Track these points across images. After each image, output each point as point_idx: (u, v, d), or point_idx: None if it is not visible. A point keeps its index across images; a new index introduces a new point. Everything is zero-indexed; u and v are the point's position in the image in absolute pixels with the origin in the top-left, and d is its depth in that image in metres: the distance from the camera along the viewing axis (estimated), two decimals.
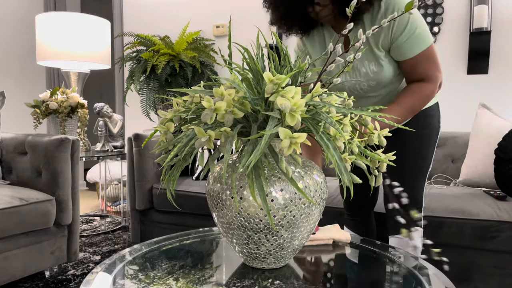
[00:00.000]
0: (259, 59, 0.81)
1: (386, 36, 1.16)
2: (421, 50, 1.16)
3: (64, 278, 1.90)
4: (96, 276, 0.82)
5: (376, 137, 0.83)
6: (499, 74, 2.39)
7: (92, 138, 5.39)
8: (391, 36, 1.15)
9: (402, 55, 1.18)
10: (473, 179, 1.97)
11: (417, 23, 1.14)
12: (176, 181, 0.77)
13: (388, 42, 1.17)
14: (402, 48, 1.16)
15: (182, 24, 3.31)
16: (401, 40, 1.14)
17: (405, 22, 1.13)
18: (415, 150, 1.31)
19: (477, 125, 2.05)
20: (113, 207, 3.28)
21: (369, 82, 1.26)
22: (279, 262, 0.84)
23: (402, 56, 1.18)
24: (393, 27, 1.14)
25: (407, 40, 1.14)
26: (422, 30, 1.15)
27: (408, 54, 1.17)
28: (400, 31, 1.13)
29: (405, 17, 1.12)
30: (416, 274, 0.86)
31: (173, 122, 0.79)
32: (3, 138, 2.02)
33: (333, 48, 0.79)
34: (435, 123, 1.35)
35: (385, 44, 1.18)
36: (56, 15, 2.52)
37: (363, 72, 1.24)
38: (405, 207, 1.36)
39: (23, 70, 3.78)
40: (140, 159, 2.21)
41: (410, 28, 1.13)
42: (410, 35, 1.14)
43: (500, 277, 1.61)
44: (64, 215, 1.83)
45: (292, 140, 0.64)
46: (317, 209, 0.80)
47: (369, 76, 1.24)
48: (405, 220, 1.37)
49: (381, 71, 1.22)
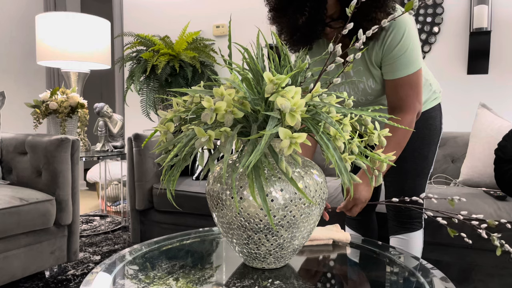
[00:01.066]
0: (259, 59, 0.81)
1: (378, 53, 1.14)
2: (408, 73, 1.14)
3: (64, 278, 1.90)
4: (96, 276, 0.82)
5: (376, 137, 0.83)
6: (499, 74, 2.39)
7: (92, 138, 5.39)
8: (383, 51, 1.13)
9: (389, 74, 1.16)
10: (473, 179, 1.97)
11: (411, 40, 1.11)
12: (176, 181, 0.77)
13: (380, 58, 1.15)
14: (391, 66, 1.14)
15: (182, 24, 3.31)
16: (392, 56, 1.12)
17: (399, 37, 1.10)
18: (416, 150, 1.31)
19: (477, 125, 2.05)
20: (113, 207, 3.28)
21: (367, 97, 1.27)
22: (279, 262, 0.84)
23: (389, 75, 1.16)
24: (386, 41, 1.11)
25: (398, 58, 1.12)
26: (414, 48, 1.12)
27: (395, 73, 1.15)
28: (393, 46, 1.11)
29: (399, 32, 1.09)
30: (417, 274, 0.86)
31: (173, 122, 0.78)
32: (3, 138, 2.02)
33: (333, 48, 0.79)
34: (437, 124, 1.35)
35: (377, 61, 1.16)
36: (56, 15, 2.52)
37: (361, 88, 1.24)
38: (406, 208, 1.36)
39: (23, 70, 3.78)
40: (140, 159, 2.21)
41: (403, 43, 1.10)
42: (403, 51, 1.11)
43: (500, 277, 1.61)
44: (64, 215, 1.83)
45: (292, 140, 0.64)
46: (317, 209, 0.80)
47: (367, 92, 1.25)
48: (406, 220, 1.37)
49: (378, 87, 1.23)
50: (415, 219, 1.37)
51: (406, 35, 1.10)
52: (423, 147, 1.32)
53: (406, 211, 1.36)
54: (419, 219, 1.37)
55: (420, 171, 1.34)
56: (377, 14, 1.02)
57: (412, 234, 1.36)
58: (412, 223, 1.36)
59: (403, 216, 1.37)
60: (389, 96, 1.21)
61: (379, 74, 1.20)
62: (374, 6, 1.03)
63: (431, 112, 1.34)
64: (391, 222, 1.40)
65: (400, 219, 1.37)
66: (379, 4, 1.03)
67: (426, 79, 1.31)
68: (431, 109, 1.34)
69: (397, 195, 1.36)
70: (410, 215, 1.36)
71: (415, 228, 1.36)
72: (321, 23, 1.06)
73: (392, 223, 1.40)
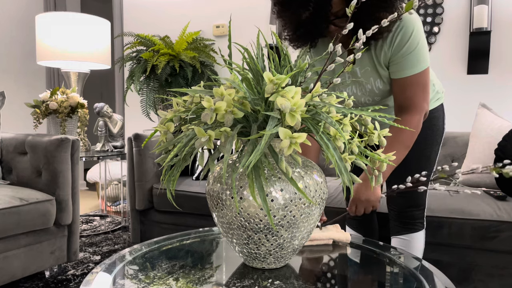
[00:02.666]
0: (259, 59, 0.81)
1: (386, 53, 1.14)
2: (416, 71, 1.13)
3: (64, 278, 1.90)
4: (96, 276, 0.82)
5: (376, 137, 0.83)
6: (499, 74, 2.39)
7: (92, 138, 5.39)
8: (391, 50, 1.13)
9: (396, 73, 1.16)
10: (473, 179, 1.97)
11: (419, 39, 1.11)
12: (176, 181, 0.77)
13: (388, 58, 1.15)
14: (399, 65, 1.14)
15: (182, 24, 3.31)
16: (400, 55, 1.12)
17: (408, 35, 1.10)
18: (418, 151, 1.31)
19: (477, 125, 2.05)
20: (113, 207, 3.28)
21: (374, 98, 1.26)
22: (279, 262, 0.84)
23: (397, 74, 1.16)
24: (395, 40, 1.11)
25: (406, 56, 1.12)
26: (422, 47, 1.12)
27: (403, 72, 1.14)
28: (402, 45, 1.11)
29: (408, 31, 1.09)
30: (417, 275, 0.86)
31: (173, 122, 0.78)
32: (3, 138, 2.02)
33: (333, 48, 0.79)
34: (440, 124, 1.34)
35: (386, 61, 1.16)
36: (56, 15, 2.52)
37: (369, 89, 1.23)
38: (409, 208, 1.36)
39: (23, 70, 3.78)
40: (140, 159, 2.21)
41: (412, 42, 1.10)
42: (411, 50, 1.11)
43: (500, 277, 1.61)
44: (64, 215, 1.83)
45: (292, 140, 0.64)
46: (317, 209, 0.80)
47: (374, 93, 1.24)
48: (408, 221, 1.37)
49: (387, 87, 1.22)
50: (417, 220, 1.36)
51: (414, 34, 1.10)
52: (426, 148, 1.32)
53: (408, 212, 1.36)
54: (421, 220, 1.37)
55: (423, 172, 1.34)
56: (384, 15, 1.01)
57: (414, 234, 1.36)
58: (414, 224, 1.36)
59: (405, 217, 1.36)
60: (396, 96, 1.20)
61: (386, 75, 1.19)
62: (381, 6, 1.02)
63: (434, 112, 1.33)
64: (393, 222, 1.40)
65: (402, 219, 1.37)
66: (385, 4, 1.03)
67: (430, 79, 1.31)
68: (434, 110, 1.34)
69: (400, 195, 1.36)
70: (413, 215, 1.36)
71: (417, 228, 1.36)
72: (325, 20, 1.05)
73: (394, 223, 1.40)
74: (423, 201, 1.37)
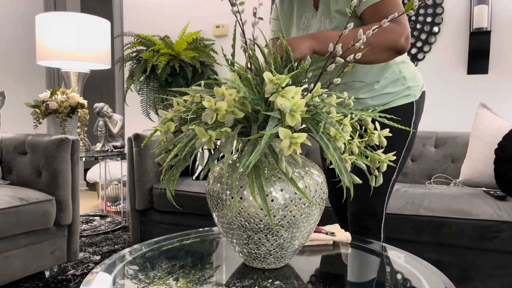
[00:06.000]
0: (271, 58, 0.81)
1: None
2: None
3: (64, 278, 1.90)
4: (96, 276, 0.82)
5: (376, 137, 0.83)
6: (499, 74, 2.39)
7: (92, 138, 5.39)
8: None
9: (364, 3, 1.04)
10: (473, 179, 1.97)
11: None
12: (176, 181, 0.77)
13: None
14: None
15: (182, 24, 3.31)
16: None
17: None
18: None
19: (477, 125, 2.05)
20: (113, 207, 3.28)
21: None
22: (279, 262, 0.84)
23: (364, 4, 1.05)
24: None
25: None
26: None
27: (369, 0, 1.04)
28: None
29: None
30: (417, 275, 0.86)
31: (173, 122, 0.78)
32: (3, 138, 2.02)
33: (333, 48, 0.79)
34: (404, 125, 1.18)
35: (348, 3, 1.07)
36: (56, 15, 2.52)
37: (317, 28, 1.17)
38: (360, 215, 1.24)
39: (23, 70, 3.78)
40: (140, 159, 2.21)
41: None
42: None
43: (500, 277, 1.61)
44: (64, 215, 1.83)
45: (292, 140, 0.64)
46: (317, 209, 0.80)
47: None
48: (360, 230, 1.24)
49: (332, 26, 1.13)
50: (371, 231, 1.24)
51: None
52: (385, 151, 1.14)
53: (361, 220, 1.24)
54: (376, 232, 1.24)
55: None
56: None
57: None
58: (367, 235, 1.23)
59: (358, 225, 1.24)
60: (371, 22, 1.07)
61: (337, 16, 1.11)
62: None
63: (398, 110, 1.19)
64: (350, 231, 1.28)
65: (354, 227, 1.25)
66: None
67: (401, 72, 1.19)
68: (399, 108, 1.19)
69: (353, 200, 1.24)
70: (365, 225, 1.24)
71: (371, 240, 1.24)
72: None
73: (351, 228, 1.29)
74: (378, 210, 1.22)
